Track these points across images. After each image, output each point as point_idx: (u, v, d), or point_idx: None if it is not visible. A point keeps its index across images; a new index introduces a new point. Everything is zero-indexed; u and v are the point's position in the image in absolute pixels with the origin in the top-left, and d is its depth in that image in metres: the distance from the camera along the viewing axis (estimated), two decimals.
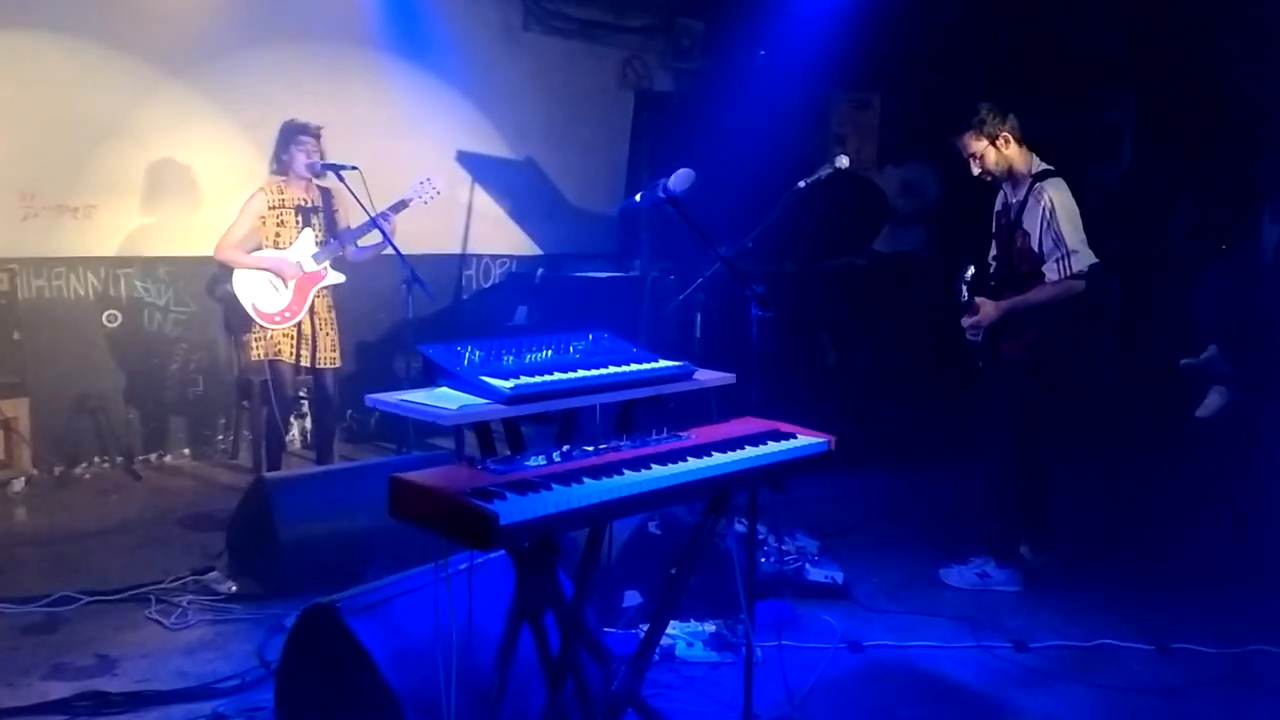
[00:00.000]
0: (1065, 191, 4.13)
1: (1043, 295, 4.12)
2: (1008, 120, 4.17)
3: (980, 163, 4.22)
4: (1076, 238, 4.07)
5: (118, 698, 3.19)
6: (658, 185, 2.59)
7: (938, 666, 3.59)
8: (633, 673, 2.46)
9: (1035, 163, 4.23)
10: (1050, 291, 4.11)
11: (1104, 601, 4.18)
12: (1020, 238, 4.19)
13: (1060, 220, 4.06)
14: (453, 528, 1.94)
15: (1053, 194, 4.09)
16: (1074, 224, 4.09)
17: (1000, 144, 4.17)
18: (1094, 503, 5.57)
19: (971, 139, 4.20)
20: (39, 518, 5.11)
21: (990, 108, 4.17)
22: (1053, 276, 4.09)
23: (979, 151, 4.20)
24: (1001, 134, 4.16)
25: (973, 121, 4.17)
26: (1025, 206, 4.17)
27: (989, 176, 4.28)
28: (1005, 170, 4.23)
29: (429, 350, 2.39)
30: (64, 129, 5.69)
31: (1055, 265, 4.08)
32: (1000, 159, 4.20)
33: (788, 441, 2.50)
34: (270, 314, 5.18)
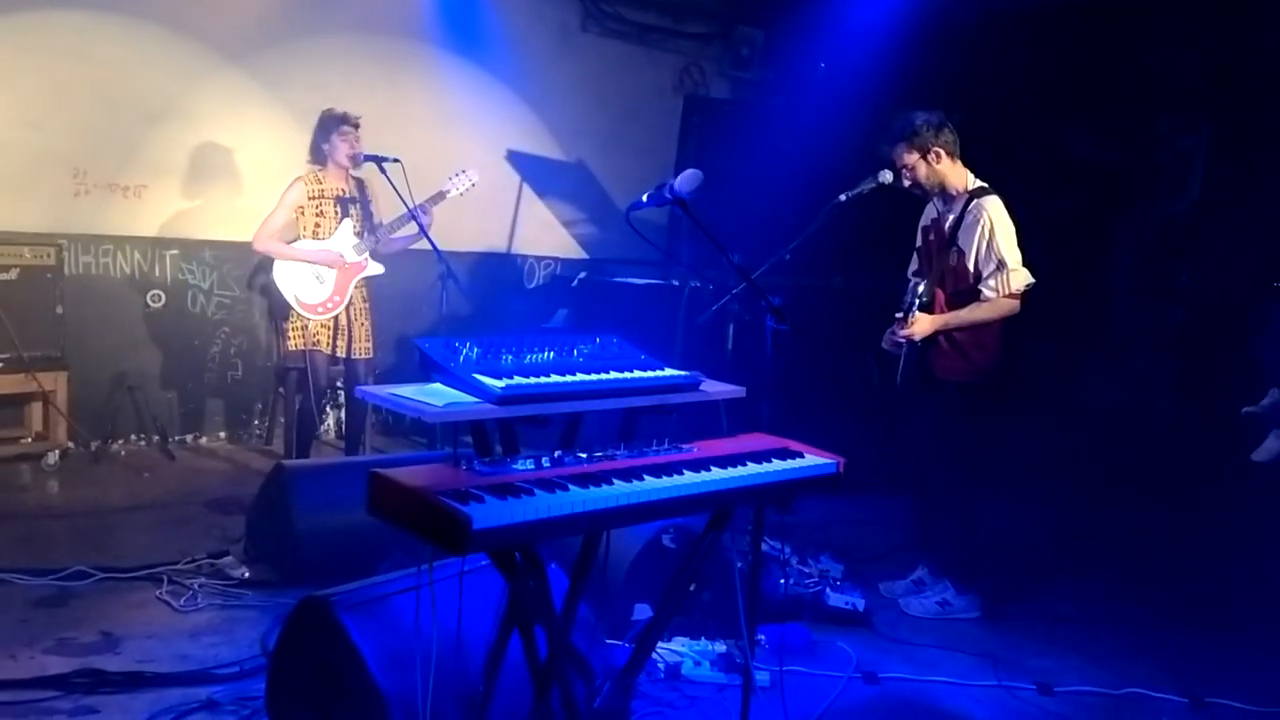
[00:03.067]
0: (1003, 210, 4.02)
1: (979, 313, 4.00)
2: (942, 134, 4.05)
3: (911, 175, 4.09)
4: (1015, 257, 3.98)
5: (115, 676, 3.16)
6: (665, 186, 2.50)
7: (956, 704, 3.44)
8: (618, 690, 2.38)
9: (971, 180, 4.10)
10: (986, 310, 4.00)
11: (1136, 647, 4.00)
12: (955, 255, 4.06)
13: (999, 239, 3.96)
14: (426, 528, 1.88)
15: (992, 213, 3.98)
16: (1012, 243, 4.00)
17: (932, 159, 4.05)
18: (1136, 543, 5.36)
19: (903, 151, 4.08)
20: (70, 491, 5.16)
21: (926, 120, 4.04)
22: (989, 294, 3.98)
23: (910, 164, 4.08)
24: (934, 148, 4.04)
25: (905, 133, 4.05)
26: (961, 224, 4.04)
27: (918, 190, 4.16)
28: (936, 185, 4.11)
29: (425, 344, 2.33)
30: (119, 108, 5.77)
31: (994, 283, 3.97)
32: (931, 174, 4.08)
33: (793, 461, 2.40)
34: (313, 305, 5.17)
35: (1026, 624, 4.18)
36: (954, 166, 4.08)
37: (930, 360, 4.09)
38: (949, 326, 4.02)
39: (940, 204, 4.18)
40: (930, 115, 4.05)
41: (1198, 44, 7.23)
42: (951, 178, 4.08)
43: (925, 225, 4.29)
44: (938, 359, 4.09)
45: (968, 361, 4.05)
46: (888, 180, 3.91)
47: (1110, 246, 7.89)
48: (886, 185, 3.96)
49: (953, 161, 4.07)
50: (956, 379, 4.07)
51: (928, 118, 4.04)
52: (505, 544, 1.97)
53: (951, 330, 4.03)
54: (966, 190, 4.08)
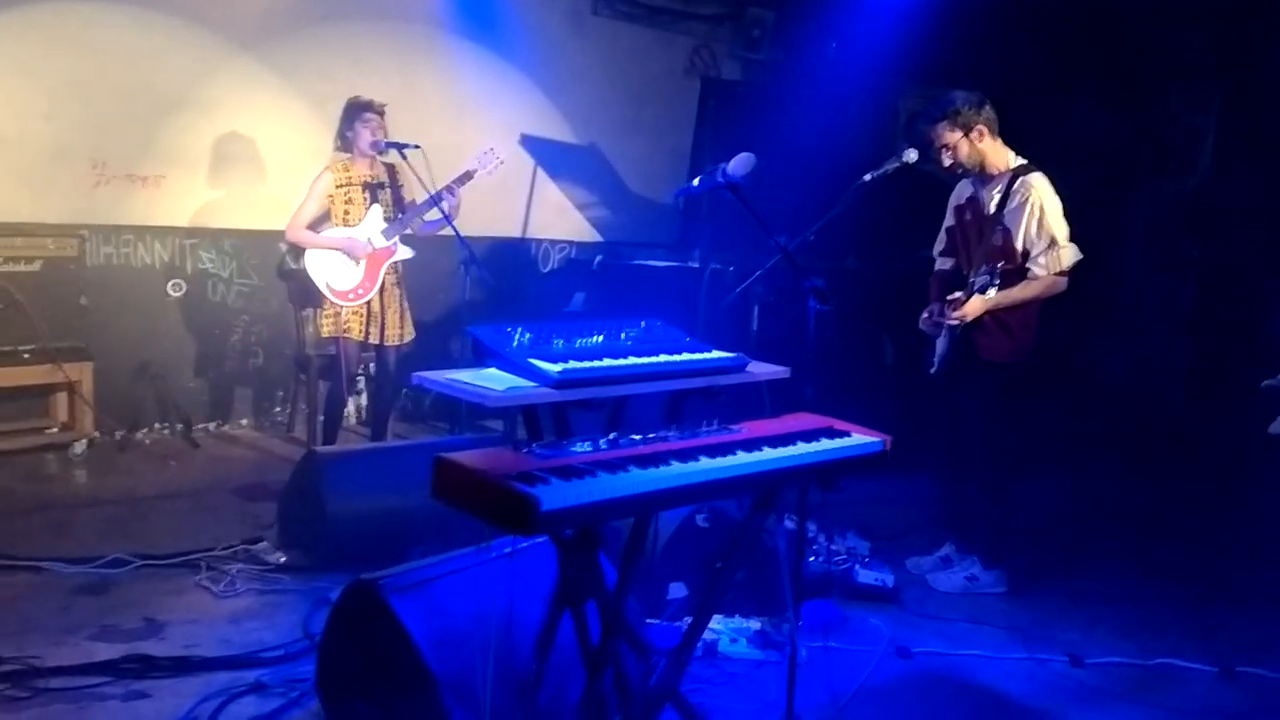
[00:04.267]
0: (1050, 187, 4.03)
1: (1028, 292, 4.01)
2: (983, 112, 4.05)
3: (952, 154, 4.10)
4: (1064, 234, 3.98)
5: (163, 661, 3.22)
6: (717, 170, 2.52)
7: (988, 677, 3.49)
8: (672, 667, 2.42)
9: (1012, 158, 4.10)
10: (1036, 288, 4.00)
11: (1166, 619, 4.05)
12: (1000, 235, 4.06)
13: (1049, 216, 3.96)
14: (494, 511, 1.91)
15: (1040, 190, 3.99)
16: (1061, 220, 3.99)
17: (974, 136, 4.05)
18: (1160, 517, 5.41)
19: (945, 130, 4.07)
20: (98, 480, 5.20)
21: (966, 98, 4.05)
22: (1040, 273, 3.99)
23: (952, 143, 4.07)
24: (976, 126, 4.03)
25: (946, 111, 4.05)
26: (1007, 203, 4.04)
27: (959, 170, 4.15)
28: (977, 164, 4.11)
29: (478, 331, 2.35)
30: (135, 99, 5.77)
31: (1044, 260, 3.98)
32: (973, 152, 4.08)
33: (842, 439, 2.43)
34: (344, 292, 5.19)
35: (1053, 598, 4.23)
36: (995, 144, 4.08)
37: (975, 341, 4.10)
38: (999, 307, 4.02)
39: (977, 183, 4.18)
40: (970, 94, 4.05)
41: (1207, 18, 7.22)
42: (992, 156, 4.08)
43: (959, 204, 4.29)
44: (982, 339, 4.09)
45: (1013, 341, 4.06)
46: (912, 159, 3.92)
47: (1120, 223, 7.90)
48: (911, 165, 3.97)
49: (993, 139, 4.07)
50: (1001, 359, 4.08)
51: (968, 96, 4.04)
52: (571, 525, 2.00)
53: (998, 311, 4.04)
54: (1009, 168, 4.07)
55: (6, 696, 2.94)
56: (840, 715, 3.11)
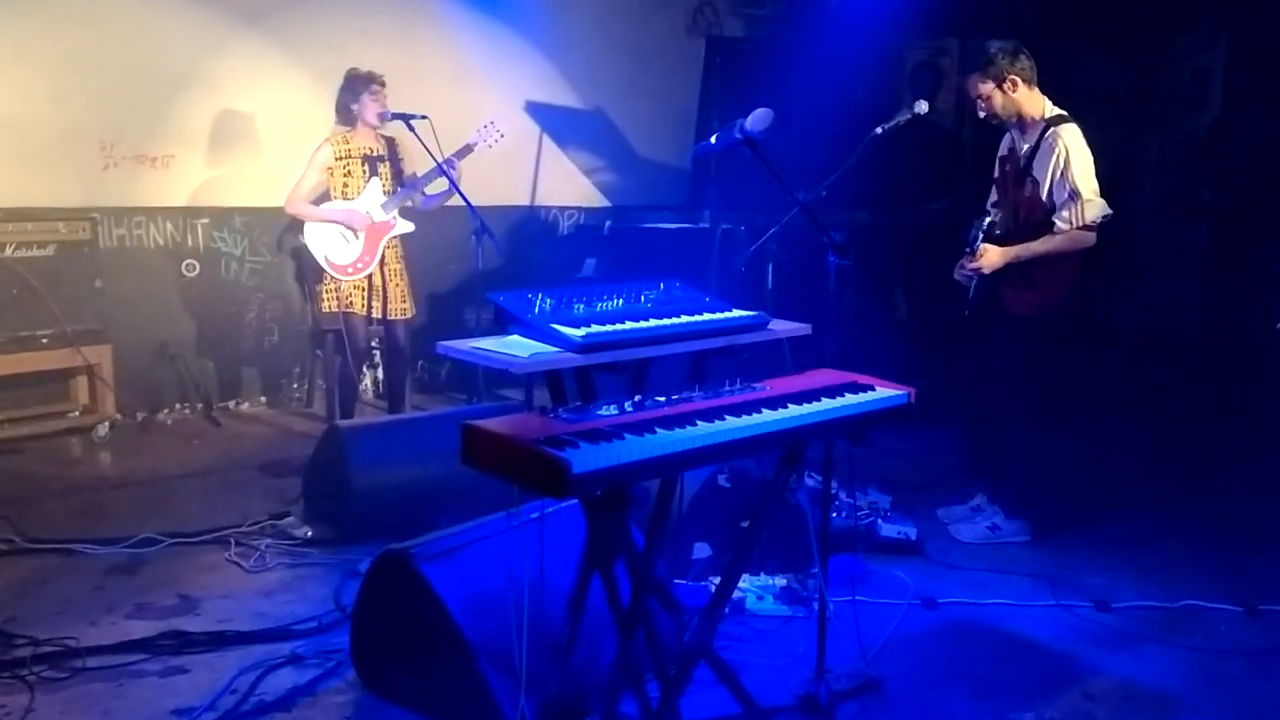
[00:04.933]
0: (1080, 138, 3.97)
1: (1051, 245, 3.97)
2: (1018, 61, 4.00)
3: (987, 105, 4.07)
4: (1090, 187, 3.92)
5: (199, 637, 3.26)
6: (734, 126, 2.51)
7: (1015, 625, 3.51)
8: (705, 624, 2.44)
9: (1048, 107, 4.05)
10: (1059, 242, 3.96)
11: (1189, 561, 4.07)
12: (1030, 185, 4.03)
13: (1075, 168, 3.90)
14: (525, 476, 1.92)
15: (1067, 141, 3.93)
16: (1088, 172, 3.94)
17: (1008, 87, 4.01)
18: (1177, 462, 5.41)
19: (978, 80, 4.04)
20: (123, 462, 5.25)
21: (1001, 47, 4.00)
22: (1063, 226, 3.95)
23: (985, 94, 4.04)
24: (1010, 76, 3.99)
25: (980, 62, 4.02)
26: (1037, 153, 4.01)
27: (995, 120, 4.12)
28: (1013, 114, 4.07)
29: (500, 298, 2.36)
30: (142, 79, 5.76)
31: (1067, 214, 3.93)
32: (1007, 103, 4.03)
33: (866, 394, 2.43)
34: (343, 266, 5.20)
35: (1077, 545, 4.24)
36: (1031, 94, 4.03)
37: (1002, 292, 4.09)
38: (1020, 259, 3.99)
39: (1017, 133, 4.14)
40: (1005, 43, 4.00)
41: None
42: (1028, 106, 4.03)
43: (1002, 155, 4.25)
44: (1009, 291, 4.08)
45: (1040, 295, 4.03)
46: (923, 110, 3.89)
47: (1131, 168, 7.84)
48: (922, 116, 3.94)
49: (1029, 89, 4.02)
50: (1028, 313, 4.06)
51: (1002, 45, 3.99)
52: (600, 487, 2.02)
53: (1024, 262, 4.01)
54: (1043, 118, 4.03)
55: (46, 678, 2.99)
56: (869, 667, 3.13)
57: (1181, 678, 3.17)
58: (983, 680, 3.12)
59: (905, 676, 3.12)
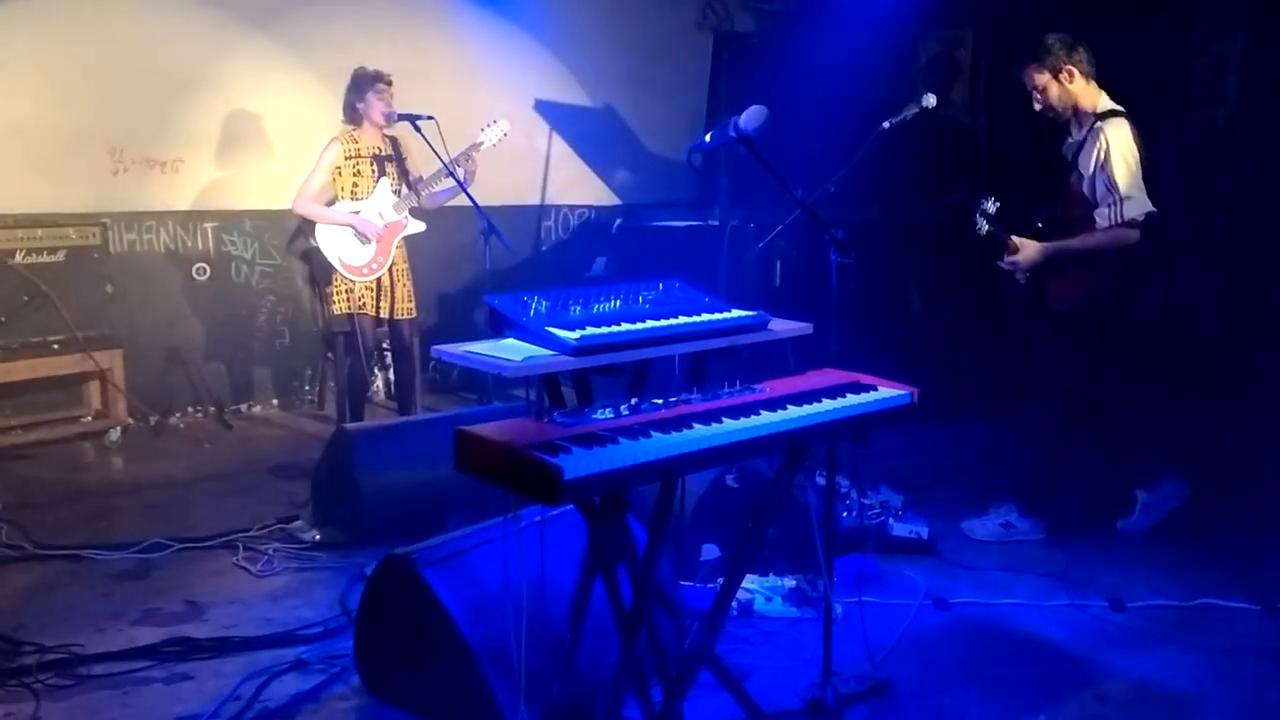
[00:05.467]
0: (1125, 133, 3.88)
1: (1089, 242, 3.90)
2: (1075, 53, 3.93)
3: (1042, 97, 4.01)
4: (1131, 183, 3.84)
5: (205, 643, 3.26)
6: (728, 124, 2.47)
7: (1029, 625, 3.46)
8: (707, 629, 2.41)
9: (1102, 101, 3.98)
10: (1098, 239, 3.89)
11: (1206, 559, 4.00)
12: (1075, 179, 3.97)
13: (1114, 164, 3.83)
14: (517, 482, 1.90)
15: (1110, 135, 3.86)
16: (1129, 169, 3.85)
17: (1064, 78, 3.95)
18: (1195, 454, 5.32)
19: (1034, 71, 3.99)
20: (135, 466, 5.26)
21: (1058, 38, 3.94)
22: (1102, 223, 3.88)
23: (1041, 85, 3.99)
24: (1065, 67, 3.93)
25: (1037, 53, 3.96)
26: (1083, 147, 3.95)
27: (1051, 113, 4.05)
28: (1069, 107, 4.00)
29: (495, 300, 2.33)
30: (150, 83, 5.78)
31: (1106, 211, 3.87)
32: (1063, 94, 3.97)
33: (867, 394, 2.39)
34: (357, 267, 5.20)
35: (1091, 543, 4.18)
36: (1087, 87, 3.97)
37: (1045, 286, 4.04)
38: (1059, 255, 3.95)
39: (1075, 127, 4.07)
40: (1063, 35, 3.95)
41: None
42: (1084, 99, 3.97)
43: (1063, 150, 4.18)
44: (1051, 285, 4.03)
45: (1081, 290, 3.97)
46: (931, 104, 3.83)
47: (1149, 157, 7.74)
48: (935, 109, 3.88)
49: (1086, 82, 3.96)
50: (1069, 308, 4.01)
51: (1060, 36, 3.94)
52: (595, 492, 1.99)
53: (1065, 258, 3.95)
54: (1094, 111, 3.97)
55: (51, 685, 2.99)
56: (878, 669, 3.09)
57: (1197, 678, 3.11)
58: (994, 682, 3.08)
59: (915, 678, 3.08)
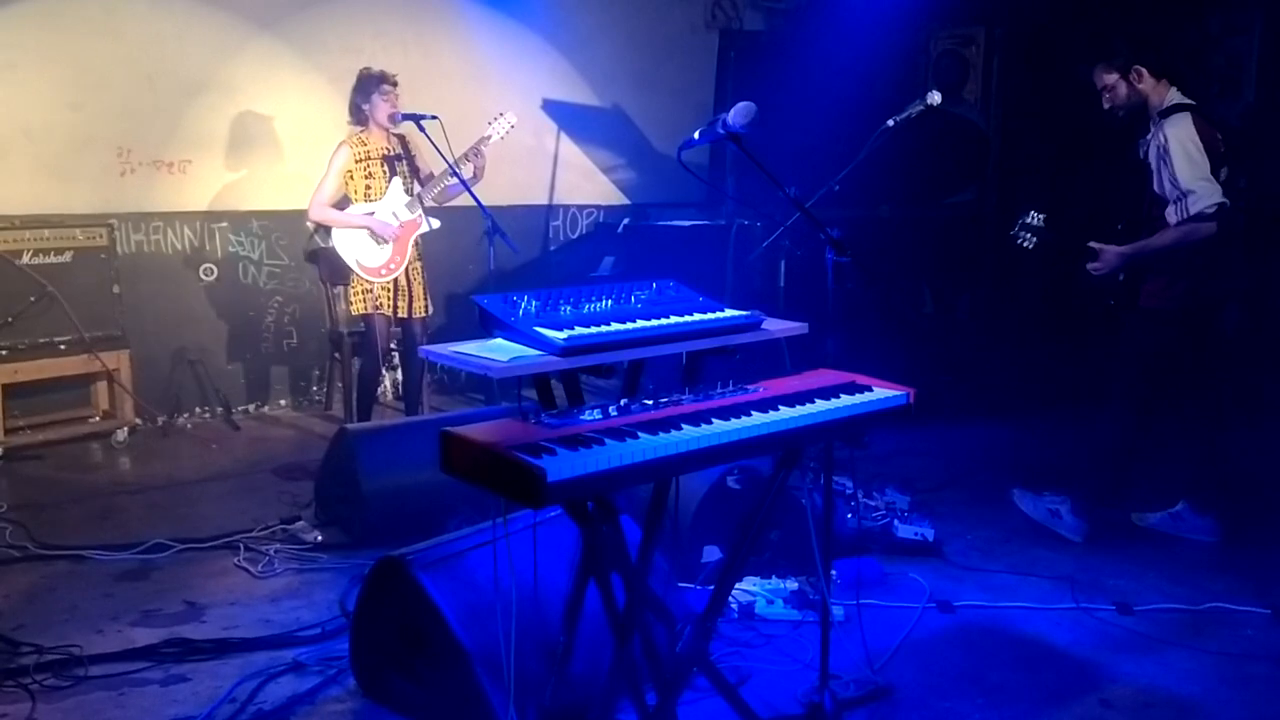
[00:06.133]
0: (1185, 128, 3.82)
1: (1164, 240, 3.85)
2: (1144, 52, 3.90)
3: (1111, 96, 3.99)
4: (1195, 176, 3.76)
5: (203, 644, 3.24)
6: (717, 121, 2.44)
7: (1035, 629, 3.42)
8: (699, 633, 2.38)
9: (1170, 97, 3.93)
10: (1171, 236, 3.83)
11: (1214, 562, 3.95)
12: (1149, 178, 3.95)
13: (1175, 159, 3.78)
14: (501, 483, 1.87)
15: (1170, 131, 3.82)
16: (1191, 162, 3.78)
17: (1133, 78, 3.92)
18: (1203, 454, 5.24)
19: (1102, 71, 3.97)
20: (141, 467, 5.27)
21: (1126, 37, 3.93)
22: (1172, 219, 3.83)
23: (1110, 84, 3.97)
24: (1135, 66, 3.90)
25: (1104, 52, 3.95)
26: (1150, 145, 3.93)
27: (1120, 112, 4.02)
28: (1138, 105, 3.97)
29: (484, 300, 2.31)
30: (156, 85, 5.79)
31: (1174, 208, 3.82)
32: (1133, 94, 3.95)
33: (862, 395, 2.36)
34: (375, 268, 5.20)
35: (1100, 545, 4.12)
36: (1157, 85, 3.93)
37: (1137, 285, 4.01)
38: (1139, 255, 3.91)
39: (1151, 126, 4.03)
40: (1131, 34, 3.95)
41: None
42: (1154, 97, 3.94)
43: (1141, 156, 4.14)
44: (1141, 285, 4.00)
45: (1165, 288, 3.94)
46: (936, 102, 3.79)
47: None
48: (937, 108, 3.84)
49: (1155, 80, 3.92)
50: (1153, 305, 3.97)
51: (1129, 35, 3.94)
52: (579, 495, 1.96)
53: (1145, 258, 3.92)
54: (1158, 110, 3.93)
55: (49, 686, 2.98)
56: (881, 673, 3.06)
57: (1205, 683, 3.06)
58: (997, 687, 3.03)
59: (917, 683, 3.04)
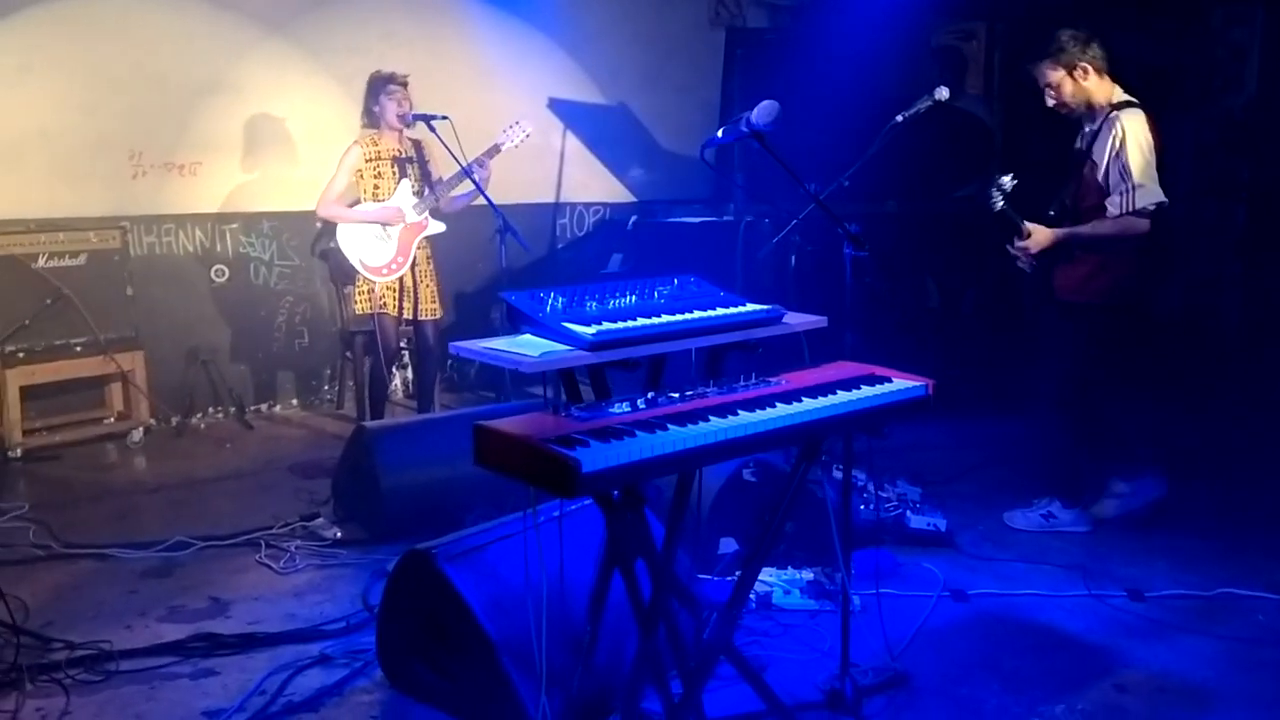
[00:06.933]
0: (1141, 124, 3.89)
1: (1100, 229, 3.90)
2: (1089, 49, 3.93)
3: (1056, 94, 4.01)
4: (1145, 173, 3.84)
5: (230, 639, 3.30)
6: (740, 119, 2.49)
7: (1047, 616, 3.47)
8: (725, 621, 2.43)
9: (1117, 93, 3.98)
10: (1109, 226, 3.89)
11: (1226, 549, 3.99)
12: (1088, 168, 3.97)
13: (1129, 151, 3.84)
14: (536, 475, 1.92)
15: (1126, 124, 3.87)
16: (1144, 158, 3.86)
17: (1078, 75, 3.95)
18: (1214, 447, 5.31)
19: (1048, 68, 3.98)
20: (157, 466, 5.32)
21: (1072, 34, 3.94)
22: (1113, 211, 3.88)
23: (1055, 82, 3.99)
24: (1080, 64, 3.93)
25: (1050, 49, 3.95)
26: (1097, 136, 3.95)
27: (1065, 109, 4.05)
28: (1083, 103, 4.00)
29: (512, 297, 2.36)
30: (167, 87, 5.83)
31: (1118, 199, 3.87)
32: (1078, 91, 3.98)
33: (882, 386, 2.41)
34: (378, 267, 5.24)
35: (1111, 533, 4.18)
36: (1101, 82, 3.97)
37: (1052, 277, 4.05)
38: (1070, 241, 3.95)
39: (1088, 121, 4.08)
40: (1076, 31, 3.95)
41: None
42: (1098, 94, 3.97)
43: (1077, 147, 4.18)
44: (1058, 276, 4.04)
45: (1089, 282, 3.97)
46: (944, 97, 3.83)
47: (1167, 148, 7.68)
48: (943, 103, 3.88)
49: (1100, 77, 3.96)
50: (1074, 298, 4.01)
51: (1074, 34, 3.94)
52: (612, 485, 2.01)
53: (1075, 246, 3.95)
54: (1110, 103, 3.97)
55: (81, 681, 3.03)
56: (896, 661, 3.10)
57: (1217, 668, 3.11)
58: (1012, 673, 3.08)
59: (934, 670, 3.09)
